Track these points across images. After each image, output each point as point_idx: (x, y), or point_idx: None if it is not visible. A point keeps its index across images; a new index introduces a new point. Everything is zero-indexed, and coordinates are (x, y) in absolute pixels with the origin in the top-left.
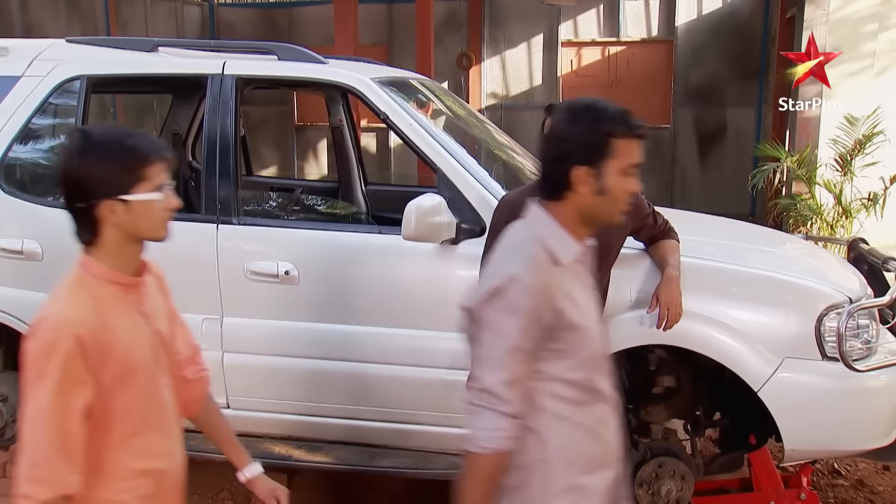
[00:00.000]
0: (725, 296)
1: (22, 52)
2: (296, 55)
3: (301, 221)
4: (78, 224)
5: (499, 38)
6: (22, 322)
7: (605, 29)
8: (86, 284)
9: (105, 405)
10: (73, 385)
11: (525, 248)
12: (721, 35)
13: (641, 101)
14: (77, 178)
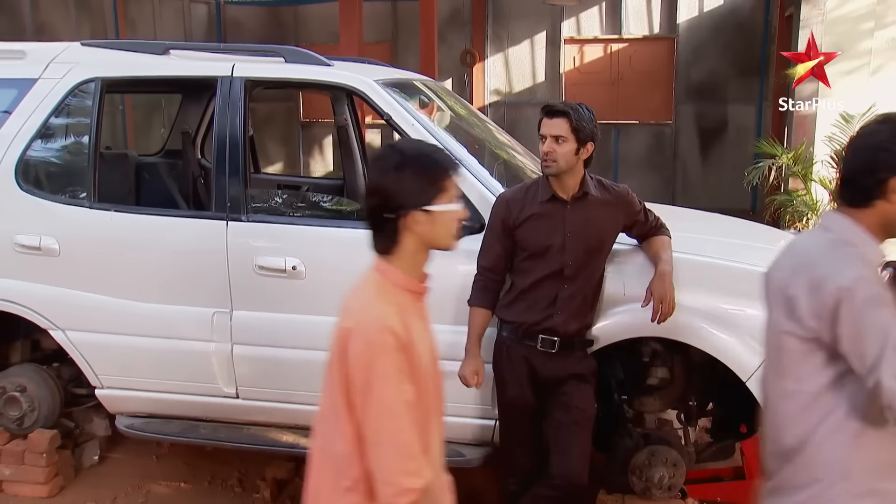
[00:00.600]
0: (716, 290)
1: (38, 56)
2: (302, 58)
3: (308, 218)
4: (380, 233)
5: (502, 36)
6: (40, 315)
7: (607, 26)
8: (387, 290)
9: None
10: (404, 381)
11: (843, 250)
12: (722, 32)
13: (643, 97)
14: (392, 191)
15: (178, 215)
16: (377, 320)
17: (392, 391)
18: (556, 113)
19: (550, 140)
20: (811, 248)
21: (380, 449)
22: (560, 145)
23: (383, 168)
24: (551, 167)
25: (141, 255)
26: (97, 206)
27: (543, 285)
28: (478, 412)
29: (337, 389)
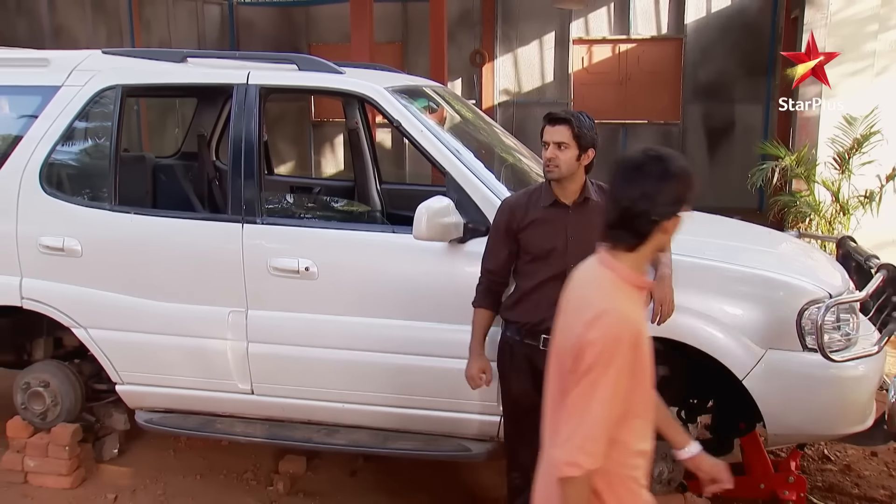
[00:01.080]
0: (714, 291)
1: (61, 63)
2: (315, 66)
3: (320, 221)
4: (630, 232)
5: (511, 36)
6: (63, 314)
7: (615, 27)
8: (620, 286)
9: (629, 389)
10: (625, 373)
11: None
12: (730, 33)
13: (651, 97)
14: (660, 197)
15: (196, 218)
16: (621, 314)
17: (611, 382)
18: (558, 120)
19: (553, 146)
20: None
21: (574, 422)
22: (562, 151)
23: (649, 174)
24: (554, 172)
25: (160, 255)
26: (118, 208)
27: (546, 287)
28: (483, 409)
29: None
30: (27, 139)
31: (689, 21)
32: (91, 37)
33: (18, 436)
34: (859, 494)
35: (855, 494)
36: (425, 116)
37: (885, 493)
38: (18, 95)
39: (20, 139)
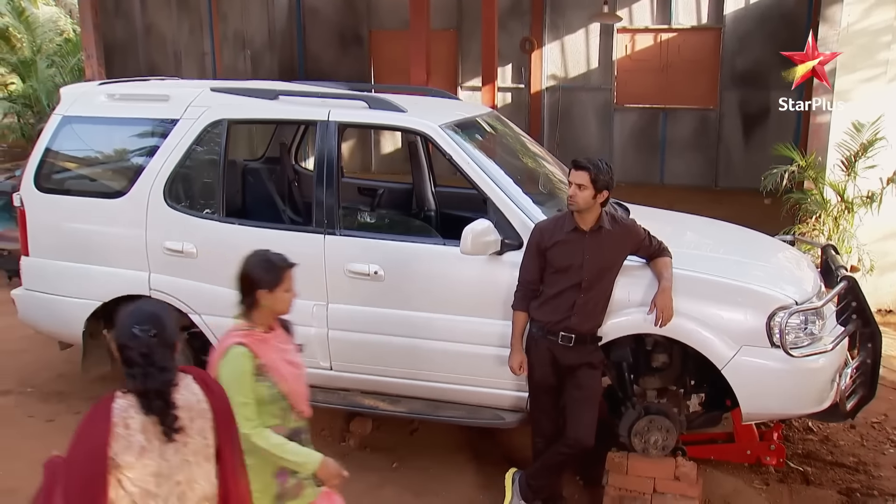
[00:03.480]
0: (703, 299)
1: (179, 100)
2: (382, 105)
3: (386, 234)
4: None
5: (559, 25)
6: (182, 302)
7: (657, 17)
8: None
9: None
10: None
11: None
12: (767, 23)
13: (690, 84)
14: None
15: (288, 229)
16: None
17: None
18: (580, 167)
19: (574, 186)
20: None
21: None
22: (581, 191)
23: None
24: (573, 206)
25: None
26: (226, 220)
27: (565, 294)
28: (515, 386)
29: None
30: (153, 162)
31: (727, 12)
32: (175, 32)
33: None
34: (832, 461)
35: (828, 461)
36: (473, 149)
37: (854, 459)
38: (145, 126)
39: (148, 162)
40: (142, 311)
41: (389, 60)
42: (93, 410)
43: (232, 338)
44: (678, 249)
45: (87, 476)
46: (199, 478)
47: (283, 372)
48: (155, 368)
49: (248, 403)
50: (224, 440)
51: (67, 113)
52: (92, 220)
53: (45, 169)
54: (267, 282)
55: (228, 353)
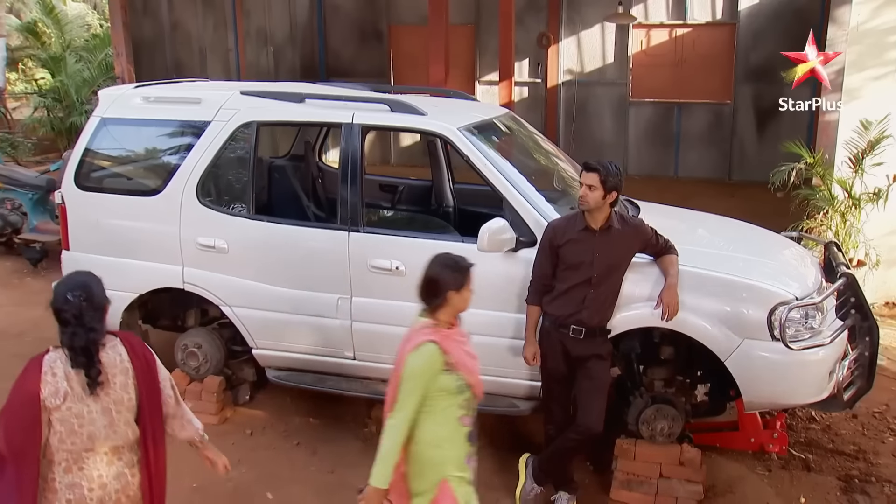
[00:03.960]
0: (706, 294)
1: (211, 103)
2: (402, 108)
3: (407, 231)
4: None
5: (575, 20)
6: (214, 295)
7: (672, 12)
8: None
9: None
10: None
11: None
12: (780, 19)
13: (705, 78)
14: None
15: (314, 226)
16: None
17: None
18: (591, 168)
19: (585, 187)
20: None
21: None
22: (591, 192)
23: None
24: (584, 206)
25: (286, 253)
26: (255, 217)
27: (576, 289)
28: (529, 376)
29: None
30: (187, 162)
31: (742, 8)
32: (201, 29)
33: (179, 384)
34: (833, 449)
35: (829, 449)
36: (489, 150)
37: (854, 448)
38: (179, 128)
39: (182, 162)
40: (74, 280)
41: (409, 55)
42: (29, 363)
43: (422, 335)
44: (686, 246)
45: (22, 416)
46: (121, 423)
47: (468, 365)
48: (83, 329)
49: (414, 396)
50: (145, 396)
51: (105, 115)
52: (128, 216)
53: (85, 168)
54: (455, 282)
55: (421, 348)
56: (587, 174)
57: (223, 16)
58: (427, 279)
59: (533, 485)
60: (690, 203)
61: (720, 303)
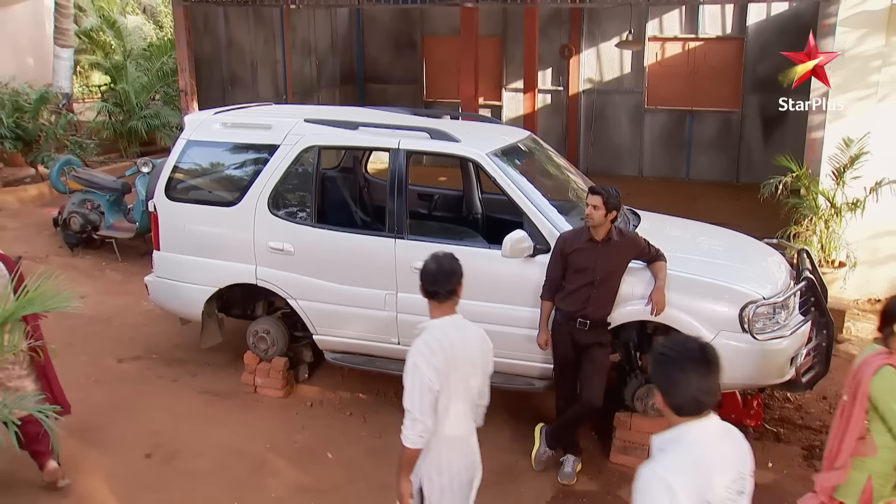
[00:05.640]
0: (689, 294)
1: (280, 129)
2: (440, 135)
3: (444, 238)
4: None
5: (595, 33)
6: (282, 290)
7: (685, 27)
8: None
9: None
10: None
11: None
12: (787, 34)
13: (715, 88)
14: None
15: (367, 234)
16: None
17: None
18: (595, 192)
19: (591, 207)
20: None
21: None
22: (596, 211)
23: None
24: (589, 222)
25: (343, 256)
26: (317, 225)
27: (582, 289)
28: (542, 359)
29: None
30: (260, 179)
31: (750, 23)
32: (252, 44)
33: (251, 363)
34: (801, 424)
35: (798, 424)
36: (513, 172)
37: (819, 423)
38: (253, 150)
39: (255, 178)
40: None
41: (440, 63)
42: None
43: (879, 360)
44: (675, 253)
45: None
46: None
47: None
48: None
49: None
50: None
51: (191, 137)
52: (210, 223)
53: (173, 182)
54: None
55: (880, 372)
56: (592, 196)
57: (272, 30)
58: (883, 312)
59: (546, 449)
60: (699, 203)
61: (701, 301)
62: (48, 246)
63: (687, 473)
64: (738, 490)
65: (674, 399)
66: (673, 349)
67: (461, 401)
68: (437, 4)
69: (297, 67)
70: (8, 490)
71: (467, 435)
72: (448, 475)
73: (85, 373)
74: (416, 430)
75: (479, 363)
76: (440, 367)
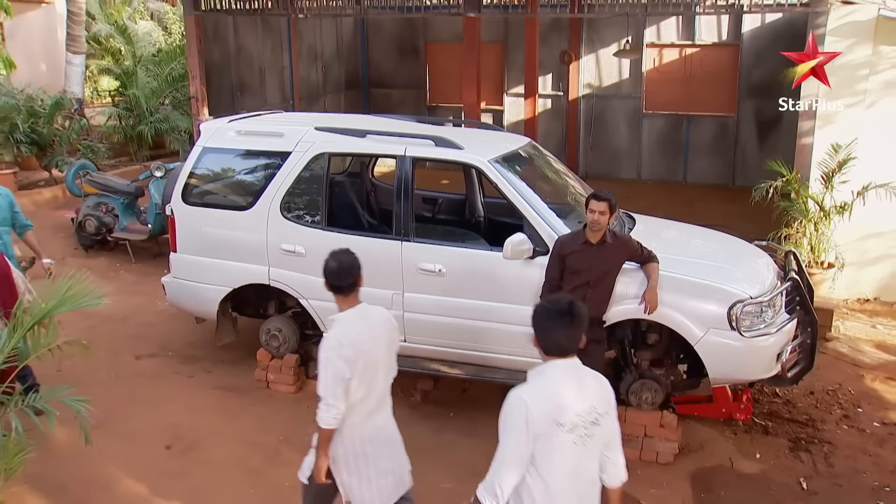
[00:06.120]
0: (681, 294)
1: (291, 136)
2: (444, 143)
3: (448, 241)
4: None
5: (594, 40)
6: (294, 290)
7: (682, 34)
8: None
9: None
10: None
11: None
12: (780, 41)
13: (711, 93)
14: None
15: (374, 236)
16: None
17: None
18: (602, 199)
19: (598, 213)
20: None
21: None
22: (603, 216)
23: None
24: (597, 227)
25: None
26: (327, 228)
27: (578, 289)
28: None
29: None
30: (272, 184)
31: (745, 30)
32: (260, 51)
33: (263, 360)
34: (789, 418)
35: (786, 418)
36: (513, 178)
37: (806, 417)
38: (266, 156)
39: (268, 183)
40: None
41: (443, 69)
42: None
43: None
44: (667, 255)
45: None
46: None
47: None
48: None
49: None
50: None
51: (206, 145)
52: (225, 226)
53: (190, 187)
54: None
55: None
56: (599, 203)
57: (280, 38)
58: None
59: None
60: (696, 206)
61: (692, 300)
62: (64, 248)
63: (542, 398)
64: (591, 421)
65: (542, 342)
66: (548, 304)
67: (370, 382)
68: (440, 15)
69: (303, 73)
70: (41, 479)
71: (377, 413)
72: (360, 447)
73: (105, 369)
74: (331, 413)
75: (385, 344)
76: (350, 357)
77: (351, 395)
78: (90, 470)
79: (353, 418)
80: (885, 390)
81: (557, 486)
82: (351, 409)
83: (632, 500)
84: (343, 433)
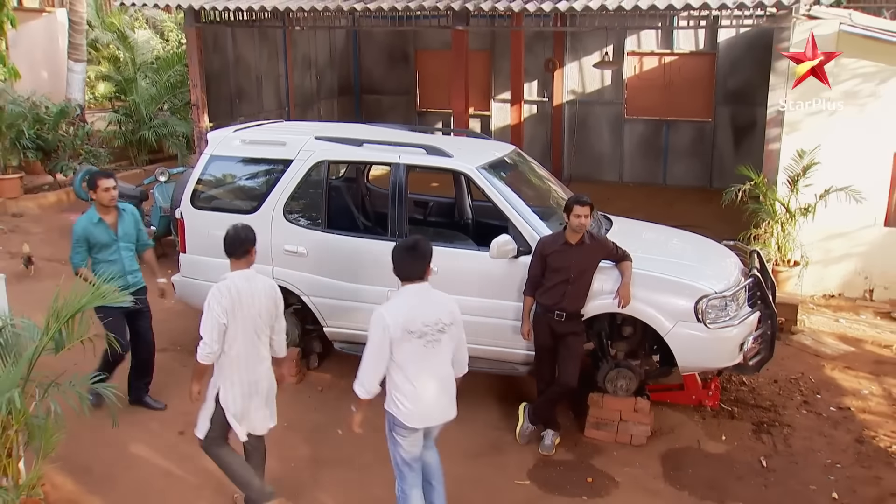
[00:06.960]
0: (652, 289)
1: (293, 145)
2: (435, 151)
3: (440, 242)
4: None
5: (578, 48)
6: (296, 287)
7: (662, 43)
8: None
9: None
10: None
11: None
12: (754, 50)
13: (689, 99)
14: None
15: (371, 237)
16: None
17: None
18: (585, 203)
19: (582, 217)
20: None
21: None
22: (586, 219)
23: None
24: (582, 229)
25: (350, 257)
26: (327, 230)
27: (558, 286)
28: (525, 347)
29: None
30: (276, 189)
31: (721, 40)
32: (257, 59)
33: None
34: (753, 404)
35: (751, 404)
36: (500, 183)
37: (769, 403)
38: (269, 163)
39: (272, 189)
40: None
41: (432, 76)
42: None
43: None
44: (641, 254)
45: None
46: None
47: None
48: None
49: None
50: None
51: (213, 153)
52: None
53: (198, 192)
54: None
55: None
56: (583, 207)
57: (276, 47)
58: None
59: (528, 425)
60: (675, 207)
61: (662, 295)
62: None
63: (395, 312)
64: (438, 329)
65: (397, 271)
66: (402, 242)
67: (247, 332)
68: (429, 28)
69: (298, 81)
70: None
71: (253, 357)
72: (238, 385)
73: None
74: (205, 351)
75: (265, 305)
76: (227, 306)
77: (228, 340)
78: (112, 453)
79: (234, 366)
80: (843, 378)
81: (418, 376)
82: (232, 359)
83: (607, 478)
84: (225, 375)
